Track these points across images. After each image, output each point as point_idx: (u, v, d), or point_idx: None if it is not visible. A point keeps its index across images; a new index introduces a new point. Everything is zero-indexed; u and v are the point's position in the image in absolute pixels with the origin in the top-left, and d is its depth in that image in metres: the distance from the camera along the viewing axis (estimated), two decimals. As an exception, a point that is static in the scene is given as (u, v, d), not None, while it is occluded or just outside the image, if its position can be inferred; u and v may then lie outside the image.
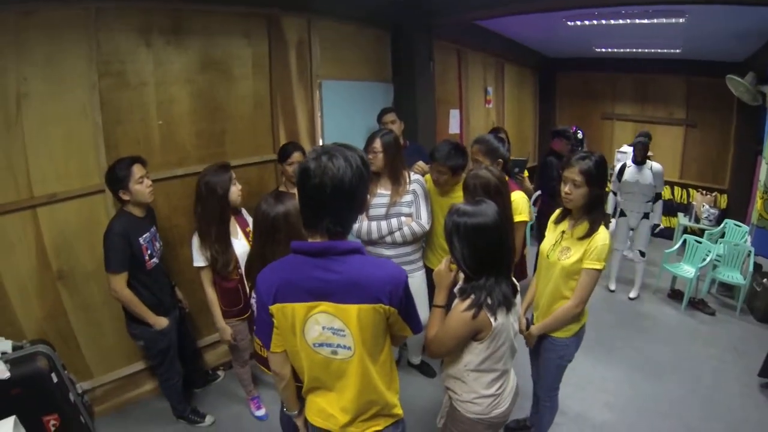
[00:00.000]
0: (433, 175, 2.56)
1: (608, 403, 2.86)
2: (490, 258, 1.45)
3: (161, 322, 2.29)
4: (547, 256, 2.03)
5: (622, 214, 4.33)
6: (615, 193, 4.37)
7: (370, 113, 3.57)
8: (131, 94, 2.55)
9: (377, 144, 2.48)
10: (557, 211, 2.10)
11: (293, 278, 1.21)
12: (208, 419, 2.64)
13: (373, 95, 3.93)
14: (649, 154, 4.16)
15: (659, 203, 4.18)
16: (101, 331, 2.61)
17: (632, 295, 4.40)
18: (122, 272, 2.13)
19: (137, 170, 2.14)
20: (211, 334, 3.05)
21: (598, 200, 1.89)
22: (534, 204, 5.42)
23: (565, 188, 1.90)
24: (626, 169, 4.20)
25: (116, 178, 2.12)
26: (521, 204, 2.42)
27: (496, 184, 2.05)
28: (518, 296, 1.61)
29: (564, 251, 1.94)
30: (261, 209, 1.66)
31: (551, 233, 2.07)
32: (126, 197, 2.16)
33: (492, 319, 1.42)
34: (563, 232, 2.00)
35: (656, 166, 4.09)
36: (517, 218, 2.35)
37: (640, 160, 4.10)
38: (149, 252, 2.23)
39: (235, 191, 2.33)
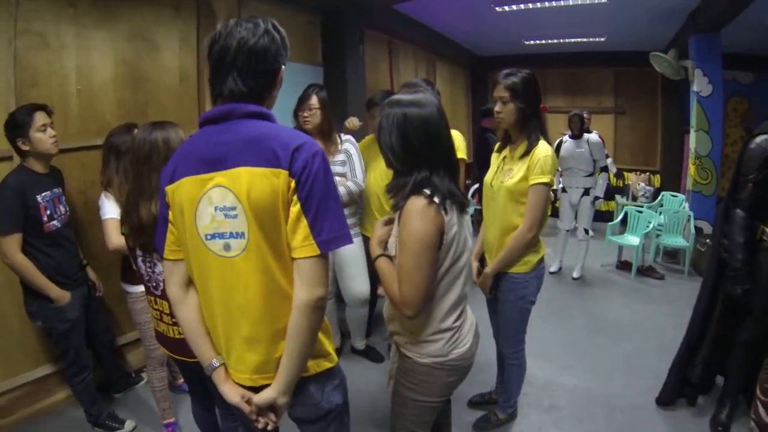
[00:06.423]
0: (376, 123, 2.45)
1: (575, 366, 2.74)
2: (429, 152, 1.27)
3: (63, 295, 1.95)
4: (491, 185, 1.94)
5: (564, 190, 4.24)
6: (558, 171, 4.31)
7: (299, 94, 3.44)
8: (50, 55, 2.32)
9: (314, 100, 2.37)
10: (497, 144, 2.06)
11: (193, 149, 1.01)
12: (128, 424, 2.23)
13: (303, 77, 3.77)
14: (587, 127, 4.21)
15: (603, 175, 4.13)
16: (4, 325, 2.18)
17: (575, 275, 4.21)
18: (14, 233, 1.80)
19: (40, 117, 1.88)
20: (133, 330, 2.60)
21: (531, 115, 1.82)
22: (472, 197, 5.35)
23: (496, 108, 1.86)
24: (563, 144, 4.11)
25: (15, 124, 1.85)
26: (458, 141, 2.34)
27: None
28: (469, 208, 1.42)
29: (506, 173, 1.87)
30: (137, 136, 1.52)
31: (494, 164, 2.01)
32: (26, 147, 1.87)
33: (442, 212, 1.20)
34: (504, 157, 1.94)
35: (593, 137, 4.06)
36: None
37: (576, 134, 4.05)
38: (48, 212, 1.91)
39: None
